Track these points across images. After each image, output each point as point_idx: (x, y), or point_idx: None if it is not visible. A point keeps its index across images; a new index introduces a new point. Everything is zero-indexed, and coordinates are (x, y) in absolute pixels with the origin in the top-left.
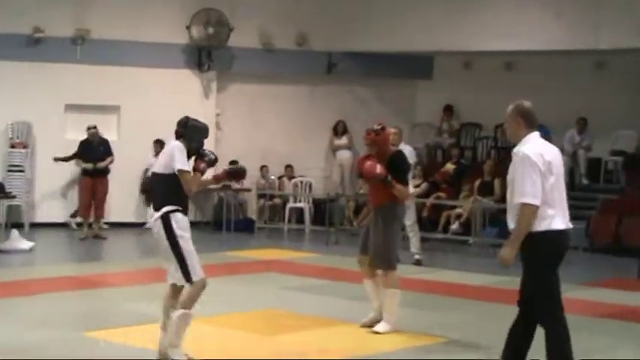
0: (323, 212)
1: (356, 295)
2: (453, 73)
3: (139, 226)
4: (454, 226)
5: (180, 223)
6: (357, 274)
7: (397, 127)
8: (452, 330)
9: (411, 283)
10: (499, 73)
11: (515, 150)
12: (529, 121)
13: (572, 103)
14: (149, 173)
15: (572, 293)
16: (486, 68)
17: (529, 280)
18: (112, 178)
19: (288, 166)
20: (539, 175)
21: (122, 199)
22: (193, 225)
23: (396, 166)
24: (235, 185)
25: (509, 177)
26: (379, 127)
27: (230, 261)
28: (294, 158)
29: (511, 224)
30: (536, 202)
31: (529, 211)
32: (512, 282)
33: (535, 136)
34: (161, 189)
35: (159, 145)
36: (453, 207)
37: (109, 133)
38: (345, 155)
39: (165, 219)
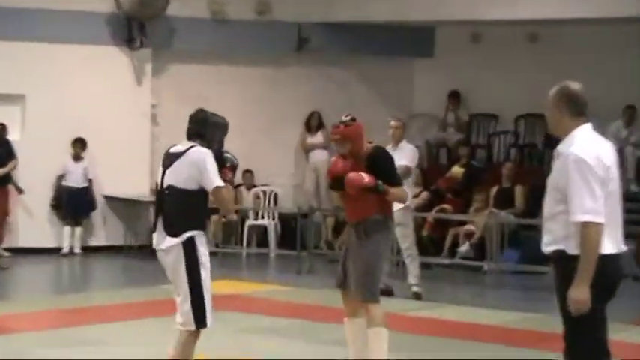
0: (293, 232)
1: (337, 338)
2: (459, 48)
3: (52, 252)
4: (463, 247)
5: (206, 249)
6: (339, 311)
7: (398, 120)
8: None
9: (408, 323)
10: (520, 47)
11: (559, 148)
12: (577, 109)
13: (618, 87)
14: (67, 182)
15: (620, 335)
16: (503, 42)
17: (566, 318)
18: (15, 190)
19: (247, 172)
20: (599, 185)
21: (29, 216)
22: (122, 250)
23: (381, 165)
24: None
25: (551, 183)
26: (348, 118)
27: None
28: (255, 161)
29: (548, 245)
30: (600, 219)
31: (594, 231)
32: (541, 320)
33: (585, 129)
34: (180, 208)
35: (79, 145)
36: (462, 223)
37: (11, 130)
38: (320, 157)
39: (189, 243)
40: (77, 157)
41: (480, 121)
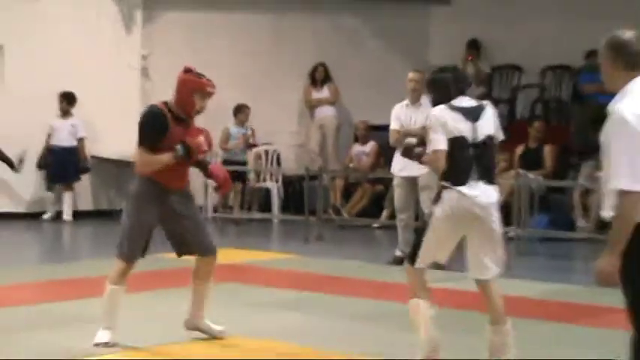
0: (298, 195)
1: (355, 311)
2: None
3: (35, 217)
4: None
5: None
6: (356, 282)
7: (418, 72)
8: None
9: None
10: None
11: (610, 106)
12: (630, 60)
13: None
14: (53, 141)
15: None
16: None
17: (633, 297)
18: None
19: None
20: None
21: (10, 179)
22: (111, 216)
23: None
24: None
25: (603, 142)
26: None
27: (168, 267)
28: (256, 118)
29: (607, 211)
30: (638, 186)
31: (629, 201)
32: (576, 293)
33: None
34: (494, 159)
35: (65, 100)
36: None
37: None
38: (327, 113)
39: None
40: (65, 113)
41: (503, 74)
